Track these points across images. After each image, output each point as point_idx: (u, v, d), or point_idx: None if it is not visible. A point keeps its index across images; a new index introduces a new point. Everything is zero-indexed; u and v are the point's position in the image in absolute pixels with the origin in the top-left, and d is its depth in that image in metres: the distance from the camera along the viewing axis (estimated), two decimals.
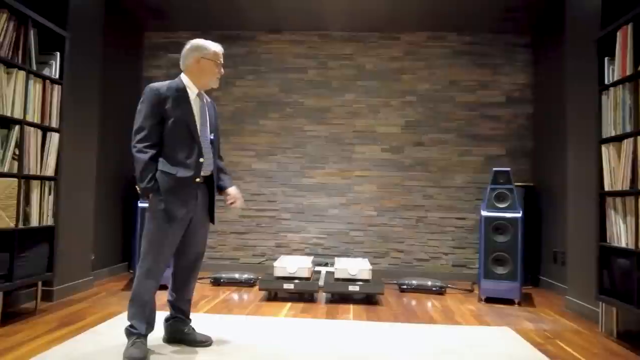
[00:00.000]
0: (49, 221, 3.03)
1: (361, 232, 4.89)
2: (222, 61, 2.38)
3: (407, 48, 4.99)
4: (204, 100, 2.38)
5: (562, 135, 3.98)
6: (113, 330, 2.61)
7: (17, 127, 2.73)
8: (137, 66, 5.08)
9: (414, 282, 4.09)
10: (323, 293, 3.76)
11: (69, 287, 3.47)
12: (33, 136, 2.88)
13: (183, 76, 2.33)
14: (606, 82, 2.89)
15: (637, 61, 2.59)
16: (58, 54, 3.11)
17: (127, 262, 4.74)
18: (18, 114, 2.73)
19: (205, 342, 2.40)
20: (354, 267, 3.62)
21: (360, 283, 3.55)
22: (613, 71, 2.83)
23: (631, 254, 2.55)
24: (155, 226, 2.19)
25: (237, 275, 4.17)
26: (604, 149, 2.86)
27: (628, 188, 2.60)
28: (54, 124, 3.08)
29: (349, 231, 4.90)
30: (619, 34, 2.73)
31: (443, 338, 2.69)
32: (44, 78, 2.98)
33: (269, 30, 5.06)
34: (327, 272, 4.03)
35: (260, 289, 3.62)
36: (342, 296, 3.71)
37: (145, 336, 2.21)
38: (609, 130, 2.83)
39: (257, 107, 5.05)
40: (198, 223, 2.34)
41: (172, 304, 2.40)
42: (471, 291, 4.14)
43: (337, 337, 2.64)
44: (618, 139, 2.73)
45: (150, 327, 2.25)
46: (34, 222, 2.89)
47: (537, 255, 4.53)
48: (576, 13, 3.51)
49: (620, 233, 2.69)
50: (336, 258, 4.25)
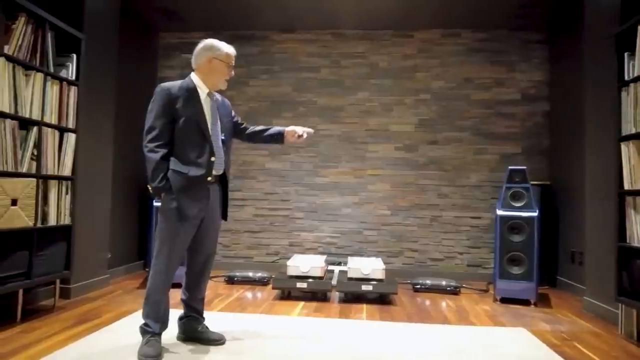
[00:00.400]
0: (66, 220, 3.08)
1: (375, 232, 4.87)
2: (234, 64, 2.39)
3: (421, 46, 4.94)
4: (215, 99, 2.39)
5: (580, 132, 3.90)
6: (129, 328, 2.64)
7: (36, 128, 2.78)
8: (152, 67, 5.14)
9: (428, 282, 4.06)
10: (336, 292, 3.76)
11: (86, 285, 3.53)
12: (50, 137, 2.93)
13: (193, 75, 2.34)
14: (626, 78, 2.82)
15: None
16: (74, 56, 3.16)
17: (143, 261, 4.80)
18: (36, 115, 2.79)
19: (218, 341, 2.41)
20: (367, 267, 3.61)
21: (373, 282, 3.54)
22: (633, 67, 2.76)
23: None
24: (167, 225, 2.21)
25: (251, 273, 4.19)
26: (624, 147, 2.79)
27: None
28: (71, 125, 3.13)
29: (362, 230, 4.88)
30: None
31: (457, 339, 2.66)
32: (61, 80, 3.03)
33: (282, 29, 5.07)
34: (340, 272, 4.03)
35: (273, 288, 3.63)
36: (356, 296, 3.70)
37: (159, 334, 2.24)
38: (629, 127, 2.76)
39: (271, 107, 5.06)
40: (210, 222, 2.36)
41: (186, 303, 2.43)
42: (486, 291, 4.09)
43: (350, 337, 2.63)
44: (638, 137, 2.67)
45: (164, 326, 2.27)
46: (52, 221, 2.94)
47: (554, 255, 4.46)
48: (594, 7, 3.44)
49: None
50: (349, 257, 4.24)
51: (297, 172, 4.99)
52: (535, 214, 3.61)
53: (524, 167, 3.77)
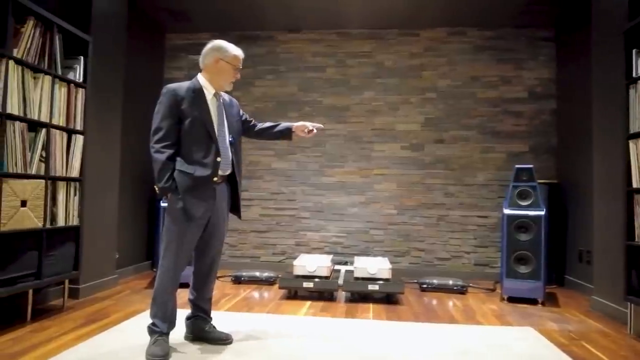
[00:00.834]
0: (75, 221, 3.11)
1: (381, 231, 4.86)
2: (241, 66, 2.39)
3: (427, 44, 4.93)
4: (221, 100, 2.40)
5: (588, 130, 3.87)
6: (137, 327, 2.66)
7: (44, 130, 2.81)
8: (158, 68, 5.17)
9: (435, 281, 4.05)
10: (343, 292, 3.76)
11: (94, 285, 3.56)
12: (59, 139, 2.96)
13: (200, 76, 2.35)
14: (634, 75, 2.80)
15: None
16: (82, 58, 3.19)
17: (151, 261, 4.83)
18: (45, 118, 2.82)
19: (226, 340, 2.43)
20: (374, 266, 3.61)
21: (380, 282, 3.54)
22: None
23: None
24: (174, 225, 2.23)
25: (258, 273, 4.20)
26: (632, 145, 2.77)
27: None
28: (79, 127, 3.16)
29: (369, 230, 4.88)
30: None
31: (464, 338, 2.66)
32: (69, 82, 3.06)
33: (288, 29, 5.08)
34: (347, 271, 4.03)
35: (280, 287, 3.64)
36: (362, 295, 3.70)
37: (167, 334, 2.26)
38: (637, 125, 2.74)
39: (277, 107, 5.07)
40: (216, 223, 2.37)
41: (193, 303, 2.44)
42: (493, 290, 4.07)
43: (357, 337, 2.64)
44: None
45: (171, 326, 2.29)
46: (61, 222, 2.97)
47: (562, 254, 4.43)
48: (603, 4, 3.41)
49: None
50: (356, 257, 4.24)
51: (304, 172, 5.00)
52: (542, 213, 3.59)
53: (531, 166, 3.75)
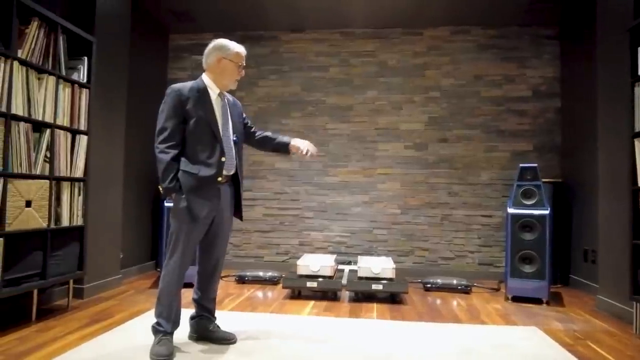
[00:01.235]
0: (79, 221, 3.12)
1: (385, 231, 4.85)
2: (244, 64, 2.39)
3: (431, 43, 4.92)
4: (226, 100, 2.40)
5: (592, 129, 3.86)
6: (141, 327, 2.67)
7: (48, 131, 2.82)
8: (162, 68, 5.18)
9: (439, 281, 4.04)
10: (346, 291, 3.76)
11: (99, 285, 3.57)
12: (63, 139, 2.98)
13: (204, 76, 2.36)
14: (639, 74, 2.78)
15: None
16: (86, 59, 3.20)
17: (155, 261, 4.85)
18: (49, 118, 2.83)
19: (230, 340, 2.43)
20: (378, 266, 3.60)
21: (384, 282, 3.53)
22: None
23: None
24: (178, 225, 2.23)
25: (262, 273, 4.21)
26: (637, 143, 2.75)
27: None
28: (83, 127, 3.17)
29: (373, 229, 4.87)
30: None
31: (468, 338, 2.65)
32: (73, 82, 3.07)
33: (291, 29, 5.08)
34: (351, 271, 4.03)
35: (284, 287, 3.64)
36: (366, 295, 3.70)
37: (171, 334, 2.26)
38: None
39: (280, 107, 5.07)
40: (221, 222, 2.37)
41: (197, 302, 2.45)
42: (497, 290, 4.06)
43: (361, 336, 2.63)
44: None
45: (176, 325, 2.29)
46: (65, 222, 2.98)
47: (567, 253, 4.41)
48: (608, 2, 3.39)
49: None
50: (359, 256, 4.23)
51: (307, 172, 5.00)
52: (546, 212, 3.57)
53: (535, 165, 3.73)
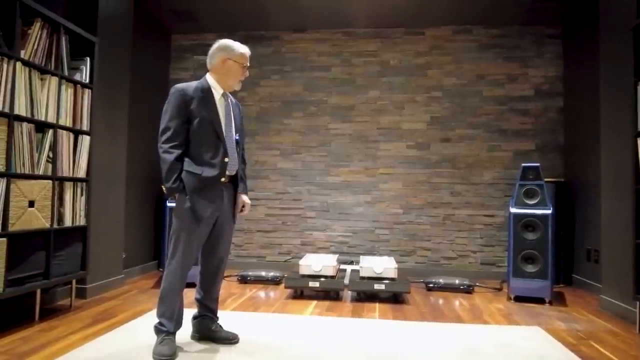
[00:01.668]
0: (82, 221, 3.13)
1: (387, 230, 4.85)
2: (248, 64, 2.40)
3: (433, 43, 4.91)
4: (229, 100, 2.40)
5: (595, 128, 3.84)
6: (144, 327, 2.67)
7: (51, 131, 2.83)
8: (165, 68, 5.19)
9: (441, 281, 4.03)
10: (349, 291, 3.76)
11: (102, 285, 3.58)
12: (65, 139, 2.98)
13: (208, 76, 2.36)
14: None
15: None
16: (88, 59, 3.21)
17: (157, 260, 4.86)
18: (51, 118, 2.84)
19: (232, 340, 2.43)
20: (380, 266, 3.60)
21: (386, 281, 3.53)
22: None
23: None
24: (181, 225, 2.23)
25: (264, 273, 4.21)
26: None
27: None
28: (85, 127, 3.17)
29: (375, 229, 4.87)
30: None
31: (471, 337, 2.64)
32: (75, 83, 3.08)
33: (293, 29, 5.08)
34: (353, 271, 4.02)
35: (286, 287, 3.64)
36: (368, 295, 3.70)
37: (173, 334, 2.27)
38: None
39: (282, 107, 5.07)
40: (224, 223, 2.38)
41: (200, 302, 2.45)
42: (500, 290, 4.05)
43: (363, 336, 2.63)
44: None
45: (178, 325, 2.29)
46: (68, 222, 2.99)
47: (570, 253, 4.40)
48: (610, 1, 3.38)
49: None
50: (361, 256, 4.23)
51: (309, 172, 5.00)
52: (549, 212, 3.56)
53: (538, 164, 3.72)
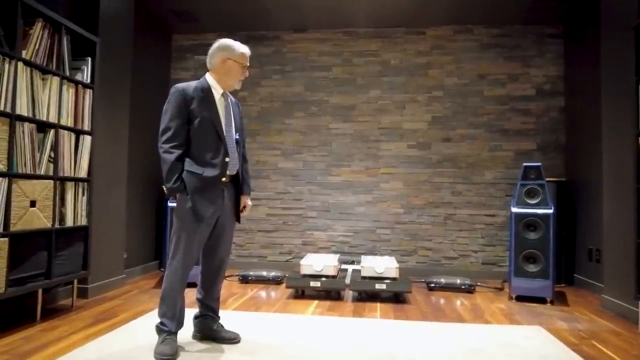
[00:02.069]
0: (83, 221, 3.13)
1: (388, 230, 4.85)
2: (248, 64, 2.40)
3: (434, 42, 4.91)
4: (229, 100, 2.40)
5: (596, 127, 3.84)
6: (145, 327, 2.68)
7: (52, 131, 2.83)
8: (166, 68, 5.19)
9: (443, 281, 4.03)
10: (350, 291, 3.76)
11: (103, 285, 3.58)
12: (67, 139, 2.99)
13: (208, 76, 2.36)
14: None
15: None
16: (89, 59, 3.21)
17: (158, 260, 4.86)
18: (53, 118, 2.84)
19: (233, 339, 2.43)
20: (381, 265, 3.60)
21: (387, 281, 3.53)
22: None
23: None
24: (182, 225, 2.23)
25: (265, 272, 4.21)
26: None
27: None
28: (86, 127, 3.18)
29: (376, 229, 4.87)
30: None
31: (472, 337, 2.64)
32: (77, 83, 3.08)
33: (294, 29, 5.08)
34: (354, 270, 4.02)
35: (287, 287, 3.64)
36: (369, 294, 3.70)
37: (175, 333, 2.27)
38: None
39: (283, 107, 5.07)
40: (225, 223, 2.38)
41: (201, 302, 2.45)
42: (501, 289, 4.05)
43: (364, 336, 2.63)
44: None
45: (180, 325, 2.30)
46: (69, 222, 2.99)
47: (571, 252, 4.39)
48: (612, 0, 3.37)
49: None
50: (363, 256, 4.23)
51: (310, 171, 5.00)
52: (550, 211, 3.56)
53: (539, 164, 3.72)
